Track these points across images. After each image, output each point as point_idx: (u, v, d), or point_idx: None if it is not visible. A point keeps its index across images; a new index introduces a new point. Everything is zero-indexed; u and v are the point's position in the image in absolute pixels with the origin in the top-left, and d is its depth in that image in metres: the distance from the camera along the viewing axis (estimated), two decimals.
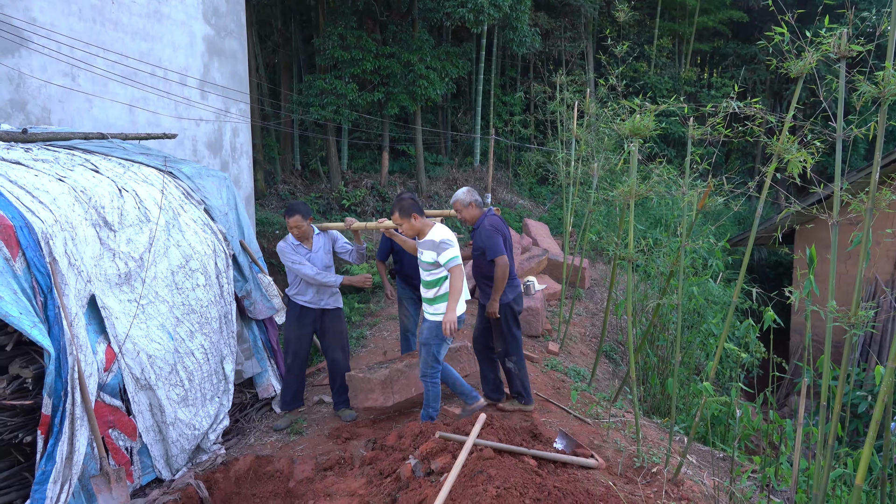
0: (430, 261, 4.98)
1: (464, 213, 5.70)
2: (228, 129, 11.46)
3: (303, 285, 5.80)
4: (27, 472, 4.33)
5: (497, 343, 5.67)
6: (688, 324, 8.30)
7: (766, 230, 12.34)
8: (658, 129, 5.16)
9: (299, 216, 5.64)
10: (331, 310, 5.94)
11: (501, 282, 5.39)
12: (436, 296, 5.07)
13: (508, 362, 5.64)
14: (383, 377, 5.62)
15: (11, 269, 4.06)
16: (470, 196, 5.68)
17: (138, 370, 4.94)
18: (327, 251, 5.93)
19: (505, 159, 22.24)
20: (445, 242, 4.90)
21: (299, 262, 5.67)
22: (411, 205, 5.04)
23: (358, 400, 5.64)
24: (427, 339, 5.13)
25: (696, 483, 4.78)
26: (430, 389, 5.23)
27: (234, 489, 5.22)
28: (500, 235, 5.50)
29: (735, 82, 20.69)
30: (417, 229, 5.07)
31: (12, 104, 7.61)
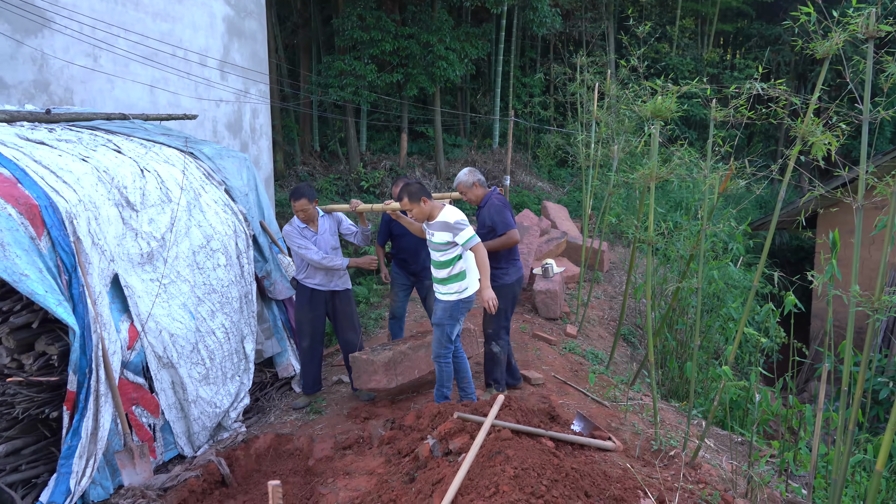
0: (443, 241, 4.98)
1: (469, 195, 5.67)
2: (248, 111, 11.49)
3: (311, 269, 5.80)
4: (54, 447, 4.42)
5: (487, 324, 5.62)
6: (707, 308, 8.26)
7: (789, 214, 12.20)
8: (680, 111, 5.10)
9: (305, 199, 5.63)
10: (340, 291, 5.94)
11: (500, 246, 5.40)
12: (449, 275, 5.06)
13: (495, 346, 5.57)
14: (386, 359, 5.62)
15: (37, 248, 4.12)
16: (473, 176, 5.65)
17: (161, 348, 5.01)
18: (333, 233, 5.92)
19: (524, 141, 22.11)
20: (460, 223, 4.93)
21: (305, 247, 5.67)
22: (419, 189, 5.05)
23: (361, 381, 5.65)
24: (441, 320, 5.13)
25: (714, 467, 4.78)
26: (444, 369, 5.23)
27: (254, 466, 5.30)
28: (509, 210, 5.50)
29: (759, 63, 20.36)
30: (427, 213, 5.08)
31: (36, 85, 7.69)
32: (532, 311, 8.68)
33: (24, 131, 5.14)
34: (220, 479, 5.05)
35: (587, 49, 21.08)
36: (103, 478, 4.55)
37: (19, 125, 5.38)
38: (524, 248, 9.90)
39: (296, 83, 18.18)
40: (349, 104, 17.11)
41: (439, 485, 3.75)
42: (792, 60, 23.48)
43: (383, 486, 4.18)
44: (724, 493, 4.14)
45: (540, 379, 6.08)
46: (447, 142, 20.28)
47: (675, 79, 5.42)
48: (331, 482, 4.50)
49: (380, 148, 19.73)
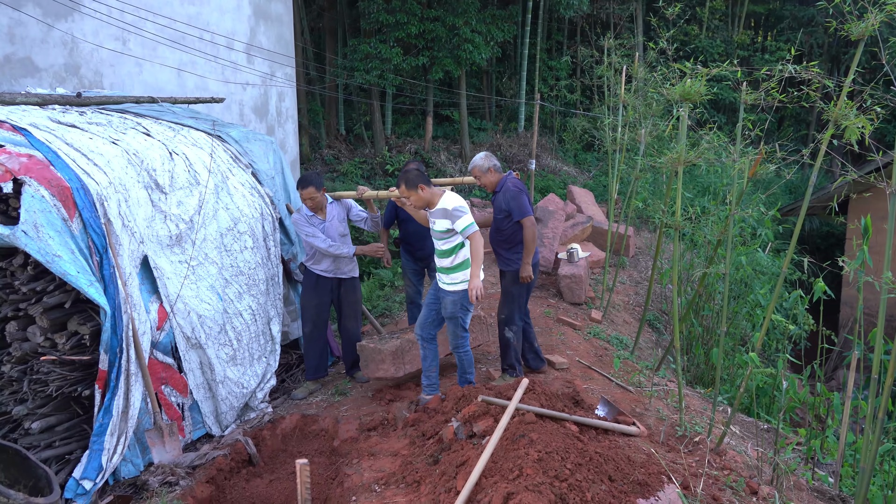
0: (443, 229, 4.92)
1: (483, 179, 5.60)
2: (274, 94, 11.54)
3: (318, 255, 5.82)
4: (86, 425, 4.52)
5: (501, 308, 5.59)
6: (734, 294, 8.18)
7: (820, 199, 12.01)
8: (709, 94, 5.03)
9: (312, 188, 5.62)
10: (347, 279, 5.97)
11: (532, 243, 5.33)
12: (452, 264, 5.00)
13: (508, 331, 5.54)
14: (394, 348, 5.59)
15: (69, 230, 4.19)
16: (488, 161, 5.58)
17: (189, 329, 5.08)
18: (342, 220, 5.93)
19: (550, 125, 21.95)
20: (458, 209, 4.83)
21: (313, 234, 5.68)
22: (417, 175, 4.97)
23: (369, 370, 5.64)
24: (452, 313, 5.08)
25: (740, 453, 4.76)
26: (464, 358, 5.22)
27: (280, 446, 5.38)
28: (525, 195, 5.41)
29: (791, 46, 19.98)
30: (426, 200, 4.99)
31: (66, 68, 7.78)
32: (557, 295, 8.65)
33: (56, 114, 5.21)
34: (247, 458, 5.13)
35: (615, 31, 20.82)
36: (134, 455, 4.64)
37: (51, 108, 5.46)
38: (549, 232, 9.86)
39: (321, 66, 18.20)
40: (374, 87, 17.09)
41: (463, 467, 3.77)
42: (825, 42, 22.98)
43: (407, 468, 4.22)
44: (749, 480, 4.12)
45: (564, 363, 6.08)
46: (472, 125, 20.20)
47: (705, 61, 5.35)
48: (355, 463, 4.55)
49: (405, 132, 19.71)
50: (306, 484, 2.61)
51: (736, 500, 3.83)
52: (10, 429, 4.51)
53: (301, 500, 2.63)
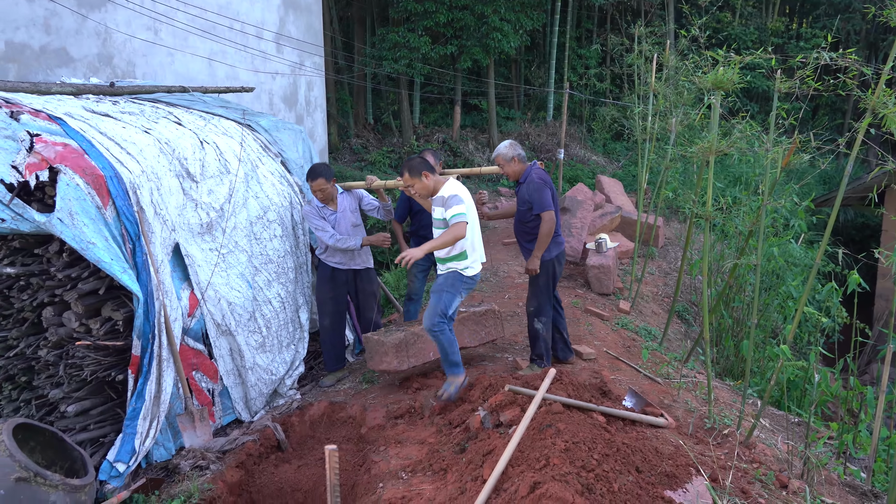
0: (439, 217, 4.82)
1: (507, 169, 5.52)
2: (303, 83, 11.59)
3: (331, 247, 5.81)
4: (119, 409, 4.60)
5: (529, 301, 5.54)
6: (766, 286, 8.07)
7: (855, 190, 11.77)
8: (742, 82, 4.95)
9: (322, 179, 5.59)
10: (361, 270, 5.96)
11: (546, 237, 5.26)
12: (448, 255, 4.88)
13: (537, 323, 5.48)
14: (397, 341, 5.45)
15: (103, 217, 4.26)
16: (513, 150, 5.49)
17: (219, 316, 5.15)
18: (353, 210, 5.90)
19: (579, 114, 21.77)
20: (453, 198, 4.71)
21: (321, 228, 5.66)
22: (420, 163, 4.88)
23: (374, 362, 5.55)
24: (441, 286, 4.91)
25: (770, 447, 4.71)
26: (442, 339, 4.85)
27: (308, 433, 5.43)
28: (548, 189, 5.33)
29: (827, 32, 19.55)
30: (430, 188, 4.90)
31: (100, 58, 7.89)
32: (584, 286, 8.61)
33: (90, 104, 5.29)
34: (275, 443, 5.20)
35: (645, 19, 20.54)
36: (166, 439, 4.73)
37: (85, 98, 5.54)
38: (577, 222, 9.80)
39: (350, 56, 18.23)
40: (403, 77, 17.08)
41: (490, 456, 3.79)
42: (863, 29, 22.44)
43: (434, 456, 4.24)
44: (778, 474, 4.08)
45: (592, 354, 6.05)
46: (500, 114, 20.12)
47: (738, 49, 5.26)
48: (382, 450, 4.59)
49: (433, 121, 19.69)
50: (335, 469, 2.64)
51: (765, 494, 3.80)
52: (46, 412, 4.62)
53: (330, 486, 2.66)
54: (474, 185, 15.64)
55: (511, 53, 17.91)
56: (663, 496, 3.40)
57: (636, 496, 3.31)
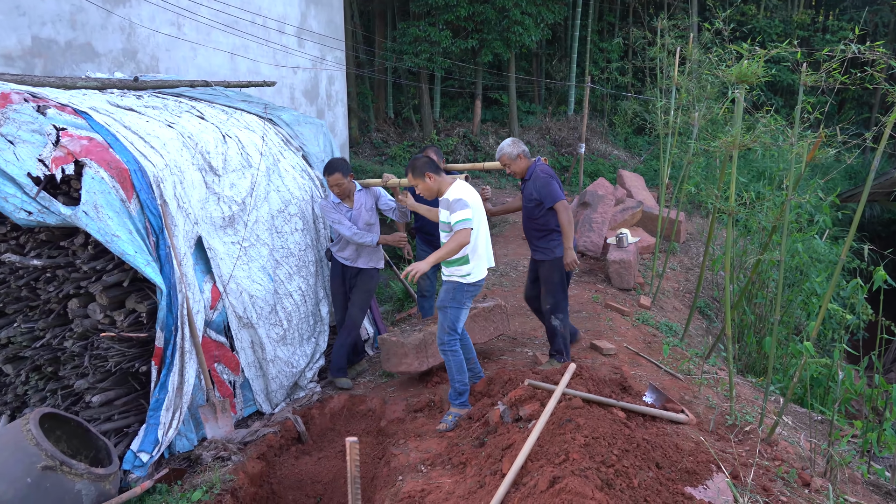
0: (444, 220, 4.66)
1: (513, 167, 5.41)
2: (324, 77, 11.63)
3: (343, 242, 5.75)
4: (143, 399, 4.66)
5: (545, 299, 5.47)
6: (789, 282, 7.98)
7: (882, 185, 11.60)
8: (766, 76, 4.89)
9: (339, 174, 5.54)
10: (366, 269, 5.85)
11: (569, 227, 5.18)
12: (450, 259, 4.67)
13: (555, 319, 5.43)
14: (417, 341, 5.38)
15: (127, 210, 4.31)
16: (517, 147, 5.40)
17: (241, 309, 5.19)
18: (369, 208, 5.80)
19: (600, 108, 21.65)
20: (458, 202, 4.52)
21: (339, 222, 5.62)
22: (423, 163, 4.69)
23: (391, 364, 5.47)
24: (443, 302, 4.74)
25: (792, 444, 4.66)
26: (451, 360, 4.75)
27: (328, 425, 5.47)
28: (554, 181, 5.26)
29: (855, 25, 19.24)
30: (435, 189, 4.71)
31: (124, 53, 7.97)
32: (605, 280, 8.57)
33: (115, 98, 5.35)
34: (296, 435, 5.24)
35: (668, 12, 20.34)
36: (188, 430, 4.78)
37: (109, 92, 5.61)
38: (598, 216, 9.75)
39: (371, 50, 18.26)
40: (423, 71, 17.09)
41: (509, 450, 3.79)
42: (891, 21, 22.06)
43: (453, 449, 4.25)
44: (801, 472, 4.04)
45: (612, 349, 6.02)
46: (521, 108, 20.06)
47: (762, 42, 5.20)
48: (402, 443, 4.61)
49: (453, 115, 19.67)
50: (356, 461, 2.66)
51: (787, 492, 3.76)
52: (72, 402, 4.69)
53: (350, 478, 2.67)
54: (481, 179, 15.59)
55: (532, 47, 17.84)
56: (683, 492, 3.38)
57: (656, 492, 3.29)
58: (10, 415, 4.91)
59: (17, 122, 4.40)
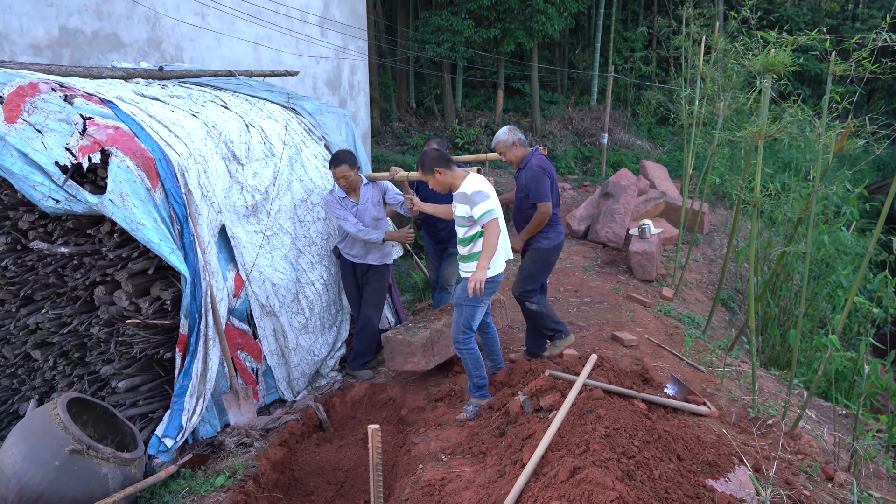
0: (463, 215, 4.48)
1: (508, 155, 5.27)
2: (347, 67, 11.64)
3: (350, 239, 5.61)
4: (167, 386, 4.73)
5: (515, 287, 5.27)
6: (815, 274, 7.89)
7: None
8: (794, 65, 4.81)
9: (346, 165, 5.39)
10: (377, 266, 5.73)
11: (536, 227, 5.05)
12: (470, 253, 4.57)
13: (530, 305, 5.19)
14: (424, 339, 5.23)
15: (152, 199, 4.36)
16: (513, 135, 5.24)
17: (264, 297, 5.24)
18: (376, 202, 5.67)
19: (623, 98, 21.47)
20: (478, 194, 4.36)
21: (343, 217, 5.48)
22: (434, 158, 4.53)
23: (396, 363, 5.31)
24: (459, 300, 4.60)
25: (816, 438, 4.62)
26: (467, 357, 4.67)
27: (349, 413, 5.51)
28: (547, 178, 5.07)
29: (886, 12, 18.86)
30: (447, 184, 4.56)
31: (149, 43, 8.03)
32: (627, 272, 8.52)
33: (140, 87, 5.40)
34: (317, 423, 5.29)
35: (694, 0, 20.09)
36: (211, 416, 4.84)
37: (135, 82, 5.66)
38: (620, 207, 9.69)
39: (393, 39, 18.24)
40: (445, 60, 17.03)
41: (529, 440, 3.79)
42: None
43: (474, 439, 4.27)
44: (824, 466, 4.00)
45: (633, 341, 5.99)
46: (543, 98, 19.94)
47: (790, 31, 5.11)
48: (422, 432, 4.63)
49: (475, 105, 19.62)
50: (377, 449, 2.68)
51: (810, 486, 3.73)
52: (98, 387, 4.77)
53: (373, 465, 2.69)
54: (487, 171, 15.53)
55: (555, 36, 17.69)
56: (705, 485, 3.37)
57: (677, 484, 3.28)
58: (39, 399, 5.00)
59: (44, 112, 4.46)
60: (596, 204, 10.29)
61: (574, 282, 8.10)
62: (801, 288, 4.80)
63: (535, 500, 3.14)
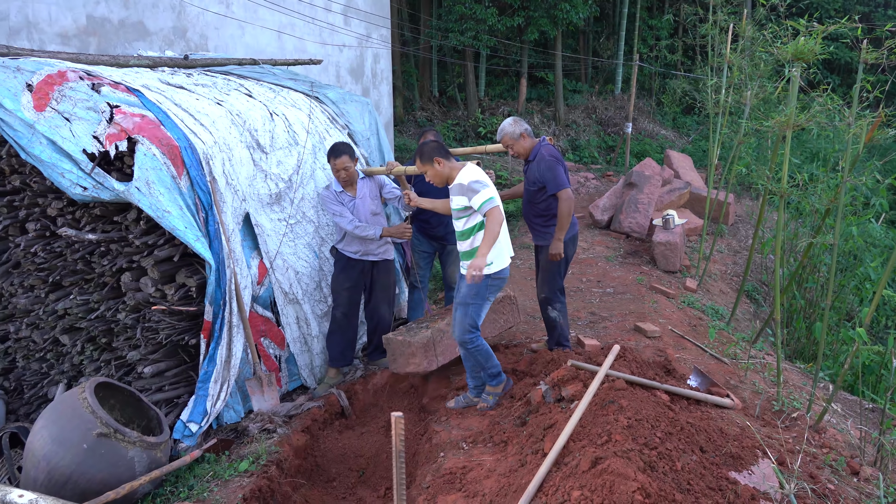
0: (460, 207, 4.33)
1: (516, 147, 5.06)
2: (370, 55, 11.64)
3: (348, 237, 5.41)
4: (192, 371, 4.78)
5: (541, 287, 5.19)
6: (842, 266, 7.79)
7: None
8: (824, 53, 4.73)
9: (346, 157, 5.21)
10: (379, 262, 5.54)
11: (567, 218, 4.84)
12: (472, 248, 4.39)
13: (552, 311, 5.16)
14: (425, 340, 5.04)
15: (178, 187, 4.40)
16: (519, 126, 5.05)
17: (287, 285, 5.27)
18: (374, 197, 5.49)
19: (648, 87, 21.24)
20: (476, 183, 4.23)
21: (340, 214, 5.29)
22: (434, 148, 4.41)
23: (398, 364, 5.14)
24: (464, 298, 4.43)
25: (841, 432, 4.57)
26: (477, 353, 4.52)
27: (371, 401, 5.54)
28: (560, 165, 4.90)
29: None
30: (445, 175, 4.42)
31: (174, 31, 8.09)
32: (650, 262, 8.47)
33: (165, 76, 5.45)
34: (339, 410, 5.33)
35: None
36: (235, 402, 4.90)
37: (160, 70, 5.70)
38: (644, 197, 9.61)
39: (416, 28, 18.18)
40: (469, 49, 16.95)
41: (551, 430, 3.79)
42: None
43: (495, 428, 4.28)
44: (850, 460, 3.95)
45: (656, 332, 5.96)
46: (567, 87, 19.80)
47: (820, 18, 5.02)
48: (444, 420, 4.64)
49: (498, 93, 19.53)
50: (400, 436, 2.69)
51: (835, 480, 3.69)
52: (125, 372, 4.84)
53: (395, 452, 2.71)
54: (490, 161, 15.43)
55: (579, 24, 17.53)
56: (727, 477, 3.35)
57: (699, 476, 3.26)
58: (67, 383, 5.08)
59: (73, 100, 4.51)
60: (619, 194, 10.22)
61: (596, 272, 8.07)
62: (829, 280, 4.74)
63: (556, 489, 3.15)
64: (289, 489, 4.36)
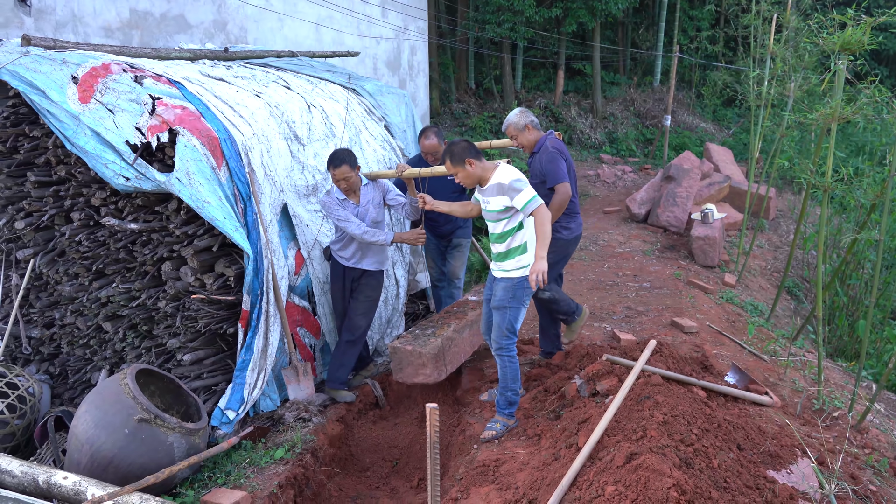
0: (499, 208, 4.10)
1: (520, 139, 4.92)
2: (406, 48, 11.65)
3: (346, 239, 5.07)
4: (230, 360, 4.86)
5: None
6: (887, 263, 7.59)
7: None
8: (872, 44, 4.60)
9: (347, 166, 4.81)
10: (372, 272, 5.17)
11: (558, 211, 4.64)
12: (508, 249, 4.17)
13: (543, 293, 4.85)
14: (435, 350, 4.80)
15: (217, 178, 4.46)
16: (524, 117, 4.90)
17: (323, 275, 5.32)
18: (377, 204, 5.12)
19: (688, 79, 20.90)
20: (518, 182, 4.01)
21: (346, 219, 4.89)
22: (465, 148, 4.15)
23: (405, 374, 4.86)
24: (501, 302, 4.20)
25: (884, 433, 4.46)
26: (508, 366, 4.25)
27: (405, 392, 5.57)
28: (563, 159, 4.74)
29: None
30: (477, 176, 4.17)
31: (215, 24, 8.19)
32: (688, 257, 8.35)
33: (206, 68, 5.52)
34: (374, 400, 5.37)
35: None
36: (272, 391, 4.96)
37: (201, 63, 5.78)
38: (682, 191, 9.48)
39: (453, 20, 18.13)
40: (506, 41, 16.85)
41: (585, 424, 3.77)
42: None
43: (529, 421, 4.27)
44: (893, 461, 3.87)
45: (693, 327, 5.89)
46: (605, 79, 19.57)
47: (868, 9, 4.88)
48: (478, 412, 4.65)
49: (535, 86, 19.39)
50: (435, 427, 2.70)
51: (877, 481, 3.61)
52: (164, 359, 4.94)
53: (430, 443, 2.72)
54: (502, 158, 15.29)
55: (618, 15, 17.29)
56: (765, 475, 3.30)
57: (736, 473, 3.22)
58: (110, 369, 5.20)
59: (116, 92, 4.60)
60: (657, 187, 10.10)
61: (633, 266, 7.99)
62: (873, 277, 4.62)
63: (590, 484, 3.13)
64: (323, 477, 4.41)
